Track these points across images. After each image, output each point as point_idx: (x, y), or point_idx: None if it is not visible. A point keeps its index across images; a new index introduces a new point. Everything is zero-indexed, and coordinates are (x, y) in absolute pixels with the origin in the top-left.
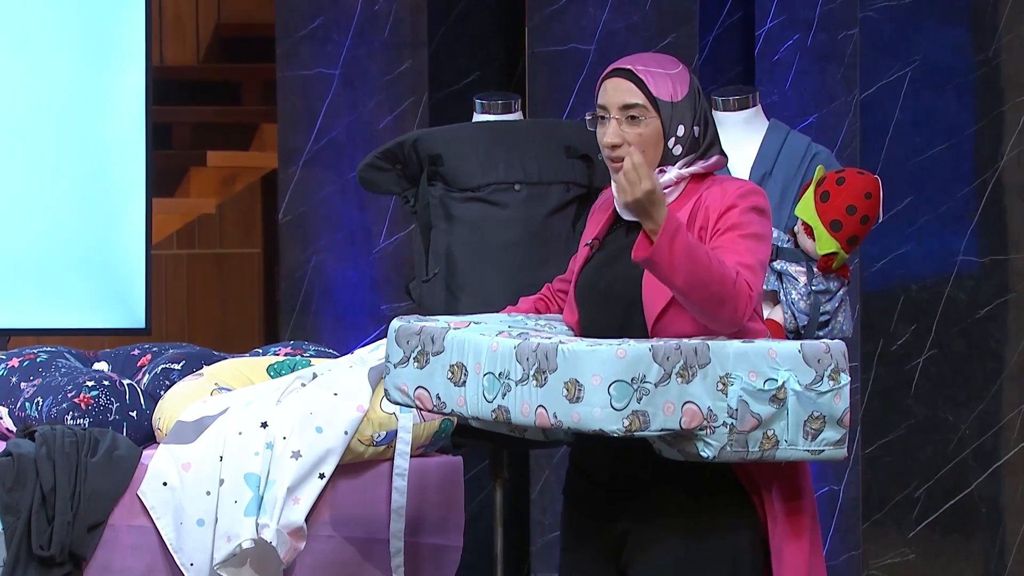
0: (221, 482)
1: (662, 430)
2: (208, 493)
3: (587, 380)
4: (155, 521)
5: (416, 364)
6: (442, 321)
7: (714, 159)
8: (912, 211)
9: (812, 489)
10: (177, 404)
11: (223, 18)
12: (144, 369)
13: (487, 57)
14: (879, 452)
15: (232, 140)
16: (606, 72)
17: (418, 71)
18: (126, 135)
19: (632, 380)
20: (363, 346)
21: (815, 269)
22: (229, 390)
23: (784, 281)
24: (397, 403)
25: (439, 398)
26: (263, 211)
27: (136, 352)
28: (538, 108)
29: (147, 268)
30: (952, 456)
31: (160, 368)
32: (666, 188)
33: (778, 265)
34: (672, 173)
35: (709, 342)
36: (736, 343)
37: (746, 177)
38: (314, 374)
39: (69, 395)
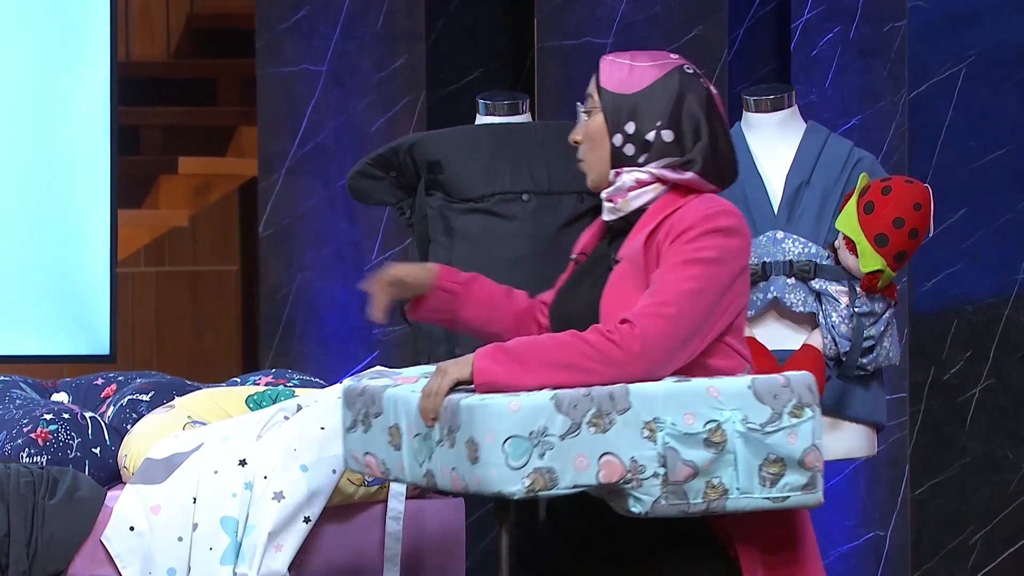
0: (195, 527)
1: (575, 487)
2: (180, 539)
3: (482, 438)
4: (121, 570)
5: (363, 428)
6: (389, 377)
7: (688, 176)
8: (967, 224)
9: (813, 538)
10: (145, 440)
11: (196, 8)
12: (109, 401)
13: (491, 52)
14: (930, 494)
15: (206, 145)
16: None
17: (414, 68)
18: (88, 139)
19: (531, 435)
20: (353, 374)
21: (858, 289)
22: (203, 424)
23: (823, 302)
24: (357, 472)
25: (384, 464)
26: (241, 224)
27: (100, 382)
28: (548, 109)
29: (112, 287)
30: (1012, 498)
31: (126, 399)
32: (629, 190)
33: (817, 284)
34: (628, 176)
35: (630, 385)
36: (668, 383)
37: (780, 187)
38: (298, 406)
39: (25, 430)
